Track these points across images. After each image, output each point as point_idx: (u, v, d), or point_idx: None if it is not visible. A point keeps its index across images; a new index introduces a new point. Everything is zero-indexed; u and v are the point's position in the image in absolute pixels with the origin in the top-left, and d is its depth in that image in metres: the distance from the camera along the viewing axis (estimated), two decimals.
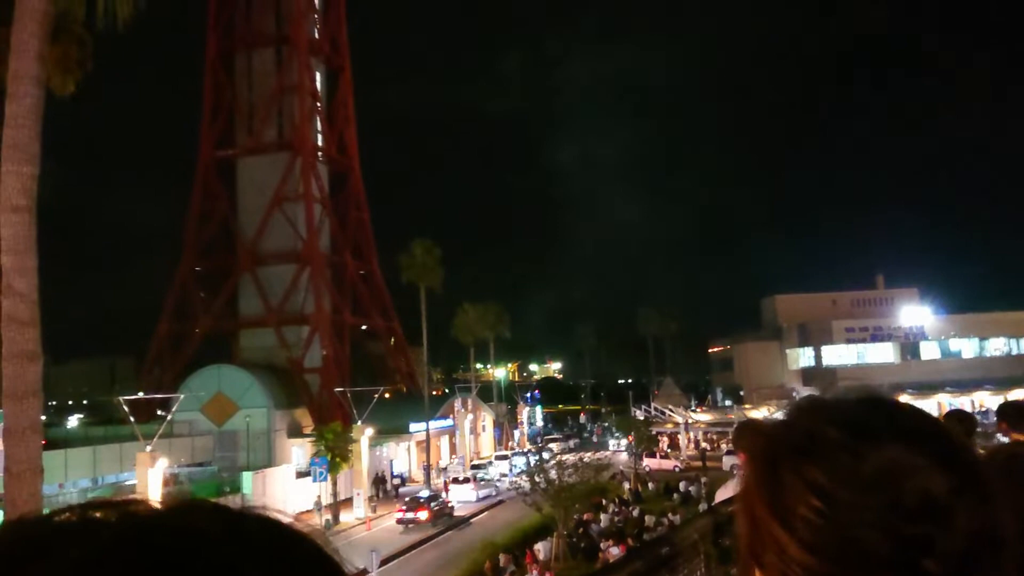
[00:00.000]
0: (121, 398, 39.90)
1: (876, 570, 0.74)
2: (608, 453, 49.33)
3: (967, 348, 75.97)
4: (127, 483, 38.90)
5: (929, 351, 75.61)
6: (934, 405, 66.86)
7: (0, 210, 11.26)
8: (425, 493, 43.93)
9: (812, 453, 0.80)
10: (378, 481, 52.92)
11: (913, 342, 75.88)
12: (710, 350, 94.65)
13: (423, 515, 39.17)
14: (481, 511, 44.44)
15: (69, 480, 40.15)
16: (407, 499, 41.92)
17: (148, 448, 32.53)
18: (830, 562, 0.76)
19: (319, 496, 41.98)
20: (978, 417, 5.99)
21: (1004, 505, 0.80)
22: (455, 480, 50.07)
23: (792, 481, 0.79)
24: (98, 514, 0.56)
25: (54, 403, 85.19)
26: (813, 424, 0.83)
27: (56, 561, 0.51)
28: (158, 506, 0.58)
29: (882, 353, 75.58)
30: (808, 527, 0.77)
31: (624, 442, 62.54)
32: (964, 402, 62.84)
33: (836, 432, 0.80)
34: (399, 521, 39.59)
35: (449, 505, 42.38)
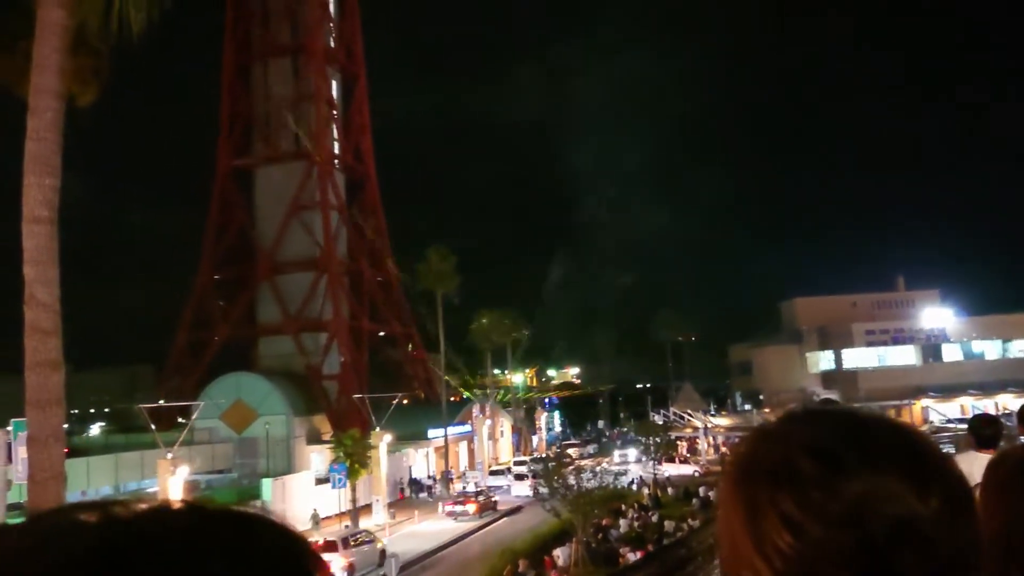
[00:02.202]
0: (142, 406, 40.22)
1: None
2: (615, 462, 48.72)
3: (990, 350, 75.10)
4: (149, 490, 39.19)
5: (951, 353, 74.81)
6: (957, 408, 66.28)
7: (23, 221, 11.43)
8: (472, 488, 48.86)
9: (786, 485, 0.81)
10: (412, 483, 54.35)
11: (935, 344, 75.10)
12: (729, 354, 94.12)
13: (471, 508, 43.63)
14: (520, 507, 45.42)
15: (91, 487, 40.50)
16: (456, 494, 47.60)
17: (169, 455, 32.76)
18: None
19: (315, 510, 41.24)
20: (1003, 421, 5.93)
21: (977, 525, 0.81)
22: (517, 477, 51.09)
23: (767, 511, 0.81)
24: (82, 517, 0.58)
25: (76, 411, 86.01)
26: (788, 451, 0.84)
27: (30, 569, 0.53)
28: (139, 508, 0.60)
29: (903, 356, 74.86)
30: (780, 558, 0.79)
31: (632, 452, 61.20)
32: (987, 404, 62.16)
33: (809, 464, 0.81)
34: (449, 514, 43.58)
35: (493, 499, 46.08)
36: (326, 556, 17.05)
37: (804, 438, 0.85)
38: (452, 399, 68.64)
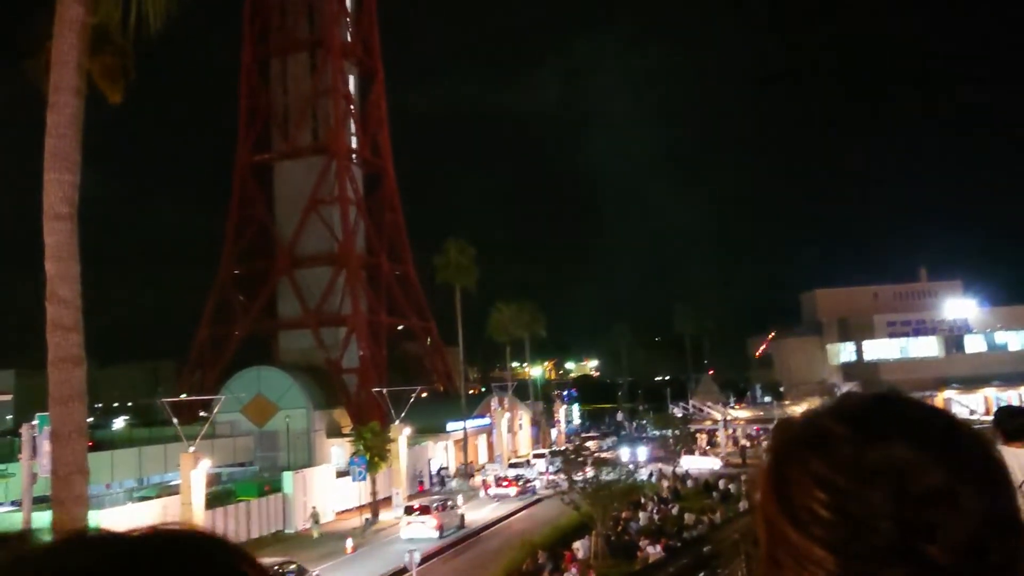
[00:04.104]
0: (164, 400, 40.65)
1: (885, 561, 0.75)
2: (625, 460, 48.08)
3: (1014, 341, 74.14)
4: (171, 483, 39.63)
5: (974, 344, 73.92)
6: (980, 400, 65.50)
7: (44, 218, 11.53)
8: (513, 473, 52.34)
9: (817, 447, 0.82)
10: (439, 474, 55.63)
11: (957, 335, 74.20)
12: (751, 347, 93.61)
13: (512, 491, 48.27)
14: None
15: (116, 481, 41.00)
16: (498, 477, 51.44)
17: (191, 449, 33.08)
18: (840, 556, 0.77)
19: (314, 508, 40.69)
20: None
21: (1013, 498, 0.81)
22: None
23: (798, 476, 0.81)
24: None
25: (100, 405, 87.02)
26: (820, 421, 0.85)
27: None
28: (46, 542, 0.58)
29: (925, 347, 74.09)
30: (816, 521, 0.78)
31: (644, 451, 59.83)
32: (1011, 396, 61.45)
33: (841, 427, 0.83)
34: (493, 496, 47.98)
35: (531, 484, 49.47)
36: (423, 518, 25.02)
37: (836, 410, 0.86)
38: (471, 392, 68.76)
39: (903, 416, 0.84)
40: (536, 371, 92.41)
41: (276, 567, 27.40)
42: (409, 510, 36.92)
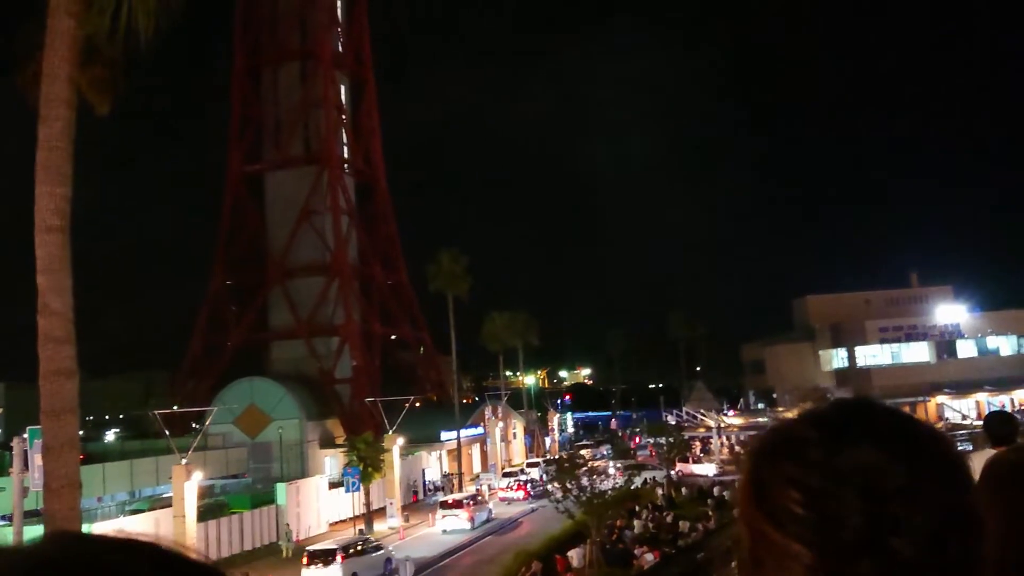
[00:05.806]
0: (156, 412, 40.45)
1: (855, 553, 0.82)
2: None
3: (1005, 346, 74.45)
4: (164, 495, 39.39)
5: (966, 349, 74.18)
6: (972, 404, 65.76)
7: (35, 231, 11.50)
8: (523, 477, 53.91)
9: (791, 452, 0.89)
10: (446, 480, 56.85)
11: (949, 341, 74.46)
12: (744, 353, 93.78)
13: (520, 494, 50.15)
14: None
15: (107, 494, 40.73)
16: (509, 481, 53.33)
17: (183, 461, 32.88)
18: (816, 549, 0.83)
19: (287, 525, 39.81)
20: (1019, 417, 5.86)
21: (973, 497, 0.88)
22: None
23: (775, 478, 0.88)
24: None
25: (91, 418, 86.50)
26: (793, 427, 0.92)
27: None
28: (30, 547, 0.60)
29: (917, 353, 74.32)
30: (793, 519, 0.85)
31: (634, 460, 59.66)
32: (1003, 401, 61.68)
33: (812, 432, 0.89)
34: (502, 499, 49.73)
35: (540, 488, 49.64)
36: (456, 511, 26.68)
37: (807, 417, 0.93)
38: (464, 401, 68.63)
39: (870, 420, 0.90)
40: (529, 379, 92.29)
41: (357, 544, 31.39)
42: (444, 505, 41.49)
